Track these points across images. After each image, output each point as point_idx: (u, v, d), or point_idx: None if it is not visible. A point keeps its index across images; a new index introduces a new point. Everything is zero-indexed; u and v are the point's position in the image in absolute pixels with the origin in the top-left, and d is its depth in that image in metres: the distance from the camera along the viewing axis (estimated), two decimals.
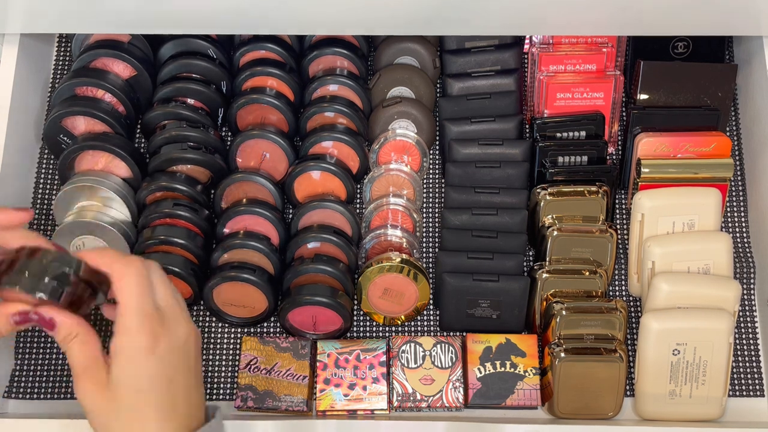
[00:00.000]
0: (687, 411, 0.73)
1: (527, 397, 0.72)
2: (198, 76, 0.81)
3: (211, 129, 0.79)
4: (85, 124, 0.79)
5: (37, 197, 0.82)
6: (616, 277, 0.80)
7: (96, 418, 0.53)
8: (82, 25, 0.76)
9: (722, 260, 0.75)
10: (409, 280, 0.75)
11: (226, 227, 0.77)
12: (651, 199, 0.76)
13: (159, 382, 0.54)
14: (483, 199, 0.77)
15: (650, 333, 0.72)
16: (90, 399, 0.53)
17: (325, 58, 0.82)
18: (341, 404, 0.72)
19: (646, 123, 0.80)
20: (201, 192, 0.78)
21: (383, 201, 0.78)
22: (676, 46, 0.82)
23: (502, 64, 0.83)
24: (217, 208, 0.79)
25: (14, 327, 0.53)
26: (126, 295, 0.54)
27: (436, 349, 0.74)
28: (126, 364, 0.53)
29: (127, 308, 0.54)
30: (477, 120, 0.80)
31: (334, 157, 0.79)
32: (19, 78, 0.79)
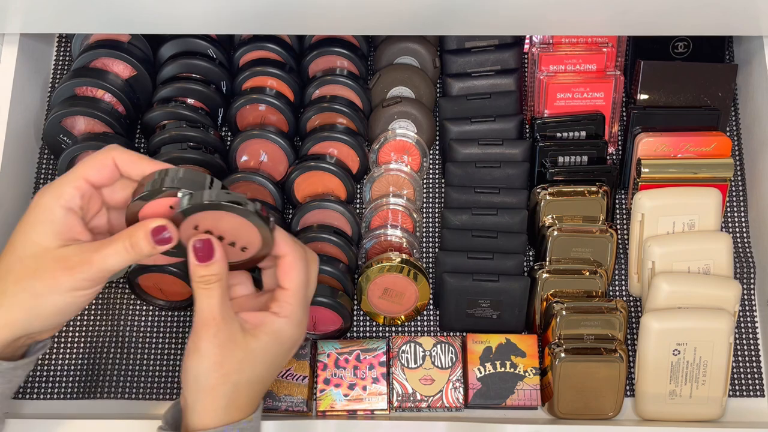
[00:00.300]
0: (687, 411, 0.73)
1: (527, 397, 0.72)
2: (198, 76, 0.81)
3: (210, 129, 0.79)
4: (85, 124, 0.79)
5: None
6: (616, 277, 0.80)
7: (194, 367, 0.54)
8: (82, 25, 0.76)
9: (722, 260, 0.74)
10: (409, 280, 0.75)
11: None
12: (651, 199, 0.76)
13: (274, 370, 0.57)
14: (483, 199, 0.77)
15: (650, 333, 0.72)
16: (206, 349, 0.53)
17: (325, 58, 0.82)
18: (341, 404, 0.72)
19: (646, 123, 0.80)
20: None
21: (383, 201, 0.78)
22: (677, 46, 0.82)
23: (502, 64, 0.83)
24: None
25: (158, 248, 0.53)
26: (297, 282, 0.57)
27: (436, 349, 0.74)
28: (271, 343, 0.55)
29: (293, 297, 0.56)
30: (477, 120, 0.80)
31: (334, 157, 0.79)
32: (18, 78, 0.79)
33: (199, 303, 0.54)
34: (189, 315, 0.78)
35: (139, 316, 0.78)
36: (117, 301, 0.78)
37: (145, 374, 0.76)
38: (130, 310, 0.78)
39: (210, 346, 0.53)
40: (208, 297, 0.54)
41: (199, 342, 0.53)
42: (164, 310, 0.78)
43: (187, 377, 0.54)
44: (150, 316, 0.78)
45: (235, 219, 0.54)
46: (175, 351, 0.77)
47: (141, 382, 0.76)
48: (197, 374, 0.54)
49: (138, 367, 0.76)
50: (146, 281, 0.75)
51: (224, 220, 0.54)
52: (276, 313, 0.56)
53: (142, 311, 0.78)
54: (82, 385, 0.76)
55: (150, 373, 0.76)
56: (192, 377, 0.54)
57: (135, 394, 0.76)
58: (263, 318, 0.56)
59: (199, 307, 0.54)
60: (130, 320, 0.77)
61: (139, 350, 0.77)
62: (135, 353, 0.77)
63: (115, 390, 0.75)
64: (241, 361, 0.54)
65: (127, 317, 0.77)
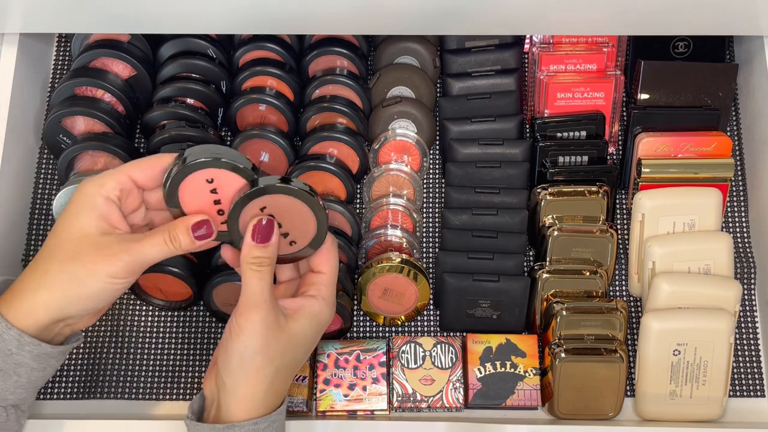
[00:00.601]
0: (687, 411, 0.73)
1: (527, 397, 0.72)
2: (198, 76, 0.81)
3: (210, 129, 0.79)
4: (85, 124, 0.78)
5: (36, 197, 0.82)
6: (616, 277, 0.79)
7: (241, 348, 0.54)
8: (82, 25, 0.76)
9: (723, 260, 0.74)
10: (409, 280, 0.75)
11: None
12: (651, 199, 0.76)
13: (308, 352, 0.59)
14: (483, 199, 0.77)
15: (651, 333, 0.72)
16: (254, 330, 0.54)
17: (325, 57, 0.82)
18: (341, 405, 0.72)
19: (646, 123, 0.80)
20: None
21: (383, 201, 0.78)
22: (677, 46, 0.82)
23: (502, 63, 0.82)
24: None
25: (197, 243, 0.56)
26: (333, 266, 0.60)
27: (436, 349, 0.74)
28: (310, 326, 0.57)
29: (330, 281, 0.59)
30: (477, 120, 0.80)
31: (333, 157, 0.79)
32: (18, 78, 0.79)
33: (249, 284, 0.55)
34: (188, 315, 0.78)
35: (138, 316, 0.78)
36: (117, 301, 0.78)
37: (145, 374, 0.76)
38: (130, 310, 0.78)
39: (258, 328, 0.54)
40: (260, 279, 0.55)
41: (246, 323, 0.54)
42: (164, 310, 0.78)
43: (229, 359, 0.55)
44: (150, 316, 0.78)
45: (301, 209, 0.56)
46: (174, 351, 0.77)
47: (141, 382, 0.76)
48: (243, 356, 0.54)
49: (138, 367, 0.76)
50: (146, 281, 0.75)
51: (289, 208, 0.56)
52: (314, 296, 0.58)
53: (142, 311, 0.78)
54: (82, 385, 0.76)
55: (150, 373, 0.76)
56: (237, 358, 0.55)
57: (135, 394, 0.75)
58: (302, 302, 0.58)
59: (250, 288, 0.55)
60: (130, 320, 0.77)
61: (139, 350, 0.77)
62: (135, 353, 0.77)
63: (115, 390, 0.75)
64: (285, 344, 0.56)
65: (127, 317, 0.77)
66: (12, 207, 0.78)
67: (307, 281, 0.60)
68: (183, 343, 0.77)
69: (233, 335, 0.55)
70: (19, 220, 0.80)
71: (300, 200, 0.56)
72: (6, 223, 0.77)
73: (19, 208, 0.80)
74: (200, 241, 0.56)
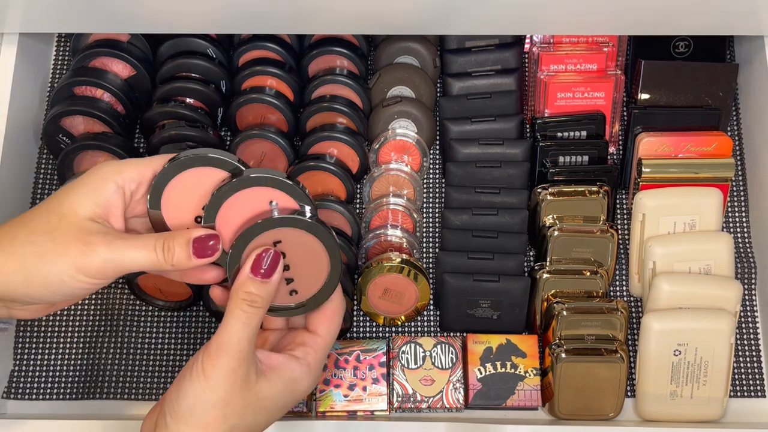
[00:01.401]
0: (688, 412, 0.73)
1: (528, 397, 0.72)
2: (197, 76, 0.80)
3: (210, 129, 0.79)
4: (84, 123, 0.78)
5: (36, 197, 0.82)
6: (617, 278, 0.79)
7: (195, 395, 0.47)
8: (82, 25, 0.76)
9: (723, 260, 0.74)
10: (409, 281, 0.75)
11: None
12: (652, 199, 0.76)
13: (273, 420, 0.51)
14: (483, 199, 0.77)
15: (651, 333, 0.71)
16: (217, 381, 0.47)
17: (324, 57, 0.82)
18: (341, 405, 0.72)
19: (647, 123, 0.80)
20: None
21: (383, 201, 0.78)
22: (677, 46, 0.82)
23: (502, 63, 0.82)
24: None
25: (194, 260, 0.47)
26: (331, 334, 0.52)
27: (436, 349, 0.73)
28: (283, 392, 0.50)
29: (324, 348, 0.52)
30: (477, 119, 0.80)
31: (333, 157, 0.79)
32: (18, 77, 0.79)
33: (230, 326, 0.48)
34: (188, 315, 0.78)
35: (138, 316, 0.78)
36: (116, 301, 0.78)
37: (145, 374, 0.76)
38: (129, 310, 0.78)
39: (223, 379, 0.47)
40: (245, 323, 0.48)
41: (212, 370, 0.47)
42: (164, 310, 0.78)
43: (180, 402, 0.48)
44: (149, 316, 0.78)
45: (317, 254, 0.50)
46: (174, 351, 0.77)
47: (141, 382, 0.76)
48: (194, 404, 0.48)
49: (138, 367, 0.76)
50: (146, 281, 0.75)
51: (304, 250, 0.49)
52: (297, 359, 0.51)
53: (142, 311, 0.78)
54: (81, 385, 0.76)
55: (150, 373, 0.76)
56: (188, 405, 0.48)
57: (135, 394, 0.75)
58: (282, 361, 0.51)
59: (229, 331, 0.48)
60: (129, 320, 0.77)
61: (139, 350, 0.77)
62: (135, 353, 0.76)
63: (115, 390, 0.75)
64: (247, 405, 0.48)
65: (127, 317, 0.77)
66: (11, 207, 0.78)
67: (297, 339, 0.53)
68: (183, 344, 0.77)
69: (193, 377, 0.48)
70: None
71: (322, 243, 0.49)
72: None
73: (18, 207, 0.80)
74: (199, 260, 0.48)
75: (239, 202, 0.50)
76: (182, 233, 0.49)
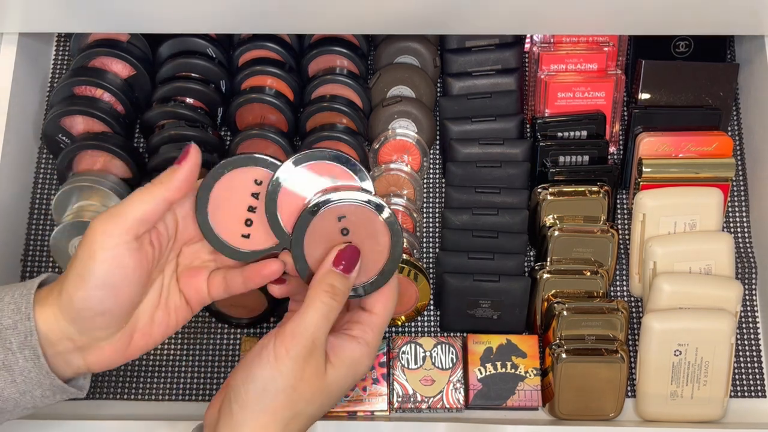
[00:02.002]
0: (688, 412, 0.73)
1: (528, 398, 0.72)
2: (197, 76, 0.80)
3: (210, 128, 0.79)
4: (84, 123, 0.78)
5: (35, 197, 0.82)
6: (617, 278, 0.79)
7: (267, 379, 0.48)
8: (81, 25, 0.76)
9: (724, 260, 0.74)
10: (410, 281, 0.75)
11: None
12: (652, 199, 0.76)
13: (332, 405, 0.52)
14: (484, 198, 0.77)
15: (651, 333, 0.71)
16: (289, 367, 0.48)
17: (324, 57, 0.82)
18: (341, 405, 0.72)
19: (647, 122, 0.80)
20: None
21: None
22: (678, 46, 0.82)
23: (502, 63, 0.82)
24: None
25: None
26: (388, 312, 0.52)
27: (436, 349, 0.73)
28: (346, 374, 0.51)
29: (381, 327, 0.52)
30: (477, 119, 0.80)
31: None
32: (17, 77, 0.79)
33: (310, 315, 0.49)
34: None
35: None
36: None
37: (145, 374, 0.76)
38: None
39: (294, 366, 0.48)
40: (324, 314, 0.49)
41: (285, 356, 0.48)
42: None
43: (248, 387, 0.48)
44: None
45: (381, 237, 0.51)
46: (174, 351, 0.77)
47: (141, 382, 0.76)
48: (264, 389, 0.48)
49: (138, 367, 0.76)
50: None
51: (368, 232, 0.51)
52: (356, 338, 0.51)
53: None
54: None
55: (150, 373, 0.76)
56: (258, 387, 0.48)
57: (135, 394, 0.75)
58: (343, 344, 0.51)
59: (308, 320, 0.48)
60: None
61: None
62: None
63: (115, 390, 0.75)
64: (315, 392, 0.49)
65: None
66: (11, 207, 0.78)
67: (353, 318, 0.53)
68: (183, 343, 0.77)
69: (263, 361, 0.48)
70: (18, 220, 0.80)
71: (385, 223, 0.50)
72: (5, 222, 0.77)
73: (18, 207, 0.79)
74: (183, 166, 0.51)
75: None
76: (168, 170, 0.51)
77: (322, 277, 0.50)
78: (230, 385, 0.50)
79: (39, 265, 0.80)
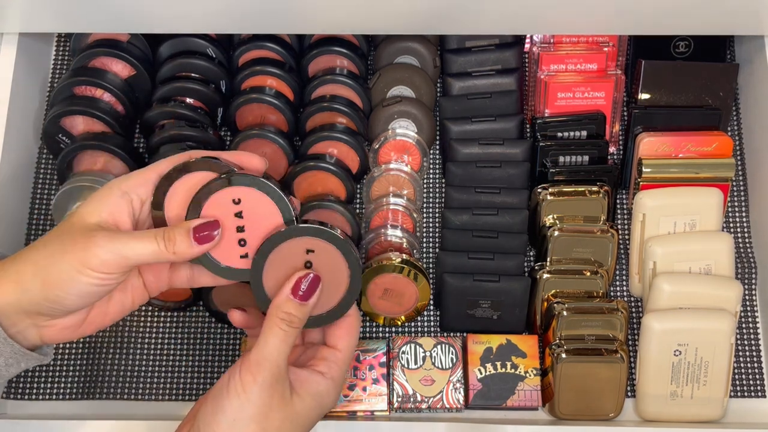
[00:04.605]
0: (688, 412, 0.73)
1: (528, 398, 0.72)
2: (197, 76, 0.80)
3: (210, 128, 0.79)
4: (84, 123, 0.78)
5: (35, 197, 0.82)
6: (617, 278, 0.79)
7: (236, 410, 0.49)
8: (81, 25, 0.76)
9: (724, 260, 0.74)
10: (409, 281, 0.75)
11: None
12: (652, 199, 0.76)
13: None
14: (484, 198, 0.77)
15: (651, 333, 0.71)
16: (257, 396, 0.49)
17: (324, 57, 0.82)
18: (341, 405, 0.72)
19: (647, 122, 0.80)
20: None
21: (383, 201, 0.78)
22: (678, 46, 0.82)
23: (502, 63, 0.82)
24: None
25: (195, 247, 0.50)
26: (350, 347, 0.54)
27: (436, 349, 0.73)
28: (312, 406, 0.52)
29: (345, 362, 0.54)
30: (477, 119, 0.80)
31: (333, 157, 0.79)
32: (17, 77, 0.79)
33: (270, 342, 0.50)
34: (188, 315, 0.78)
35: (138, 316, 0.78)
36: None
37: (145, 374, 0.76)
38: None
39: (262, 394, 0.49)
40: (284, 341, 0.50)
41: (252, 384, 0.49)
42: (163, 310, 0.78)
43: (218, 418, 0.49)
44: (149, 316, 0.78)
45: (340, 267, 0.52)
46: (174, 351, 0.77)
47: (141, 382, 0.76)
48: (235, 419, 0.49)
49: (138, 367, 0.76)
50: None
51: (329, 263, 0.52)
52: (322, 374, 0.53)
53: (142, 311, 0.78)
54: (82, 385, 0.76)
55: (150, 373, 0.76)
56: (228, 419, 0.49)
57: (135, 394, 0.75)
58: (308, 377, 0.52)
59: (269, 347, 0.49)
60: (129, 320, 0.77)
61: (139, 350, 0.77)
62: (135, 353, 0.76)
63: (115, 390, 0.75)
64: (284, 419, 0.50)
65: (127, 317, 0.77)
66: (11, 207, 0.78)
67: (318, 354, 0.54)
68: (183, 344, 0.77)
69: (231, 392, 0.49)
70: (19, 220, 0.80)
71: (344, 256, 0.51)
72: (5, 222, 0.77)
73: (18, 207, 0.80)
74: (200, 246, 0.50)
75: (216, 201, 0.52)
76: (182, 224, 0.51)
77: (279, 304, 0.51)
78: (198, 418, 0.51)
79: None
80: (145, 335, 0.77)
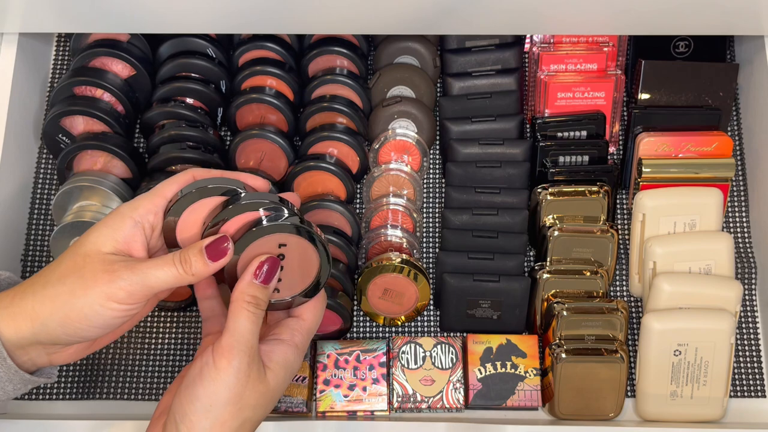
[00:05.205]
0: (688, 412, 0.73)
1: (528, 398, 0.72)
2: (197, 76, 0.80)
3: (210, 128, 0.79)
4: (84, 123, 0.78)
5: (35, 197, 0.82)
6: (617, 278, 0.79)
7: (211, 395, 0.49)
8: (81, 25, 0.76)
9: (723, 260, 0.74)
10: (409, 281, 0.75)
11: None
12: (652, 199, 0.76)
13: (272, 406, 0.54)
14: (484, 198, 0.77)
15: (651, 333, 0.71)
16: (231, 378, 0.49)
17: (324, 57, 0.82)
18: (341, 405, 0.72)
19: (647, 122, 0.80)
20: None
21: (383, 201, 0.78)
22: (678, 46, 0.82)
23: (502, 63, 0.82)
24: None
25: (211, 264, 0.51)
26: (314, 320, 0.56)
27: (436, 349, 0.73)
28: (284, 375, 0.53)
29: (309, 331, 0.55)
30: (477, 119, 0.80)
31: (333, 157, 0.79)
32: (17, 77, 0.79)
33: (240, 324, 0.51)
34: (188, 315, 0.78)
35: None
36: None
37: (145, 374, 0.76)
38: None
39: (238, 375, 0.50)
40: (251, 321, 0.51)
41: (228, 368, 0.50)
42: (163, 310, 0.78)
43: (194, 406, 0.50)
44: (149, 316, 0.78)
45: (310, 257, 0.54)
46: (174, 351, 0.77)
47: (141, 382, 0.76)
48: (212, 403, 0.49)
49: (138, 367, 0.76)
50: None
51: (299, 255, 0.54)
52: (286, 341, 0.54)
53: None
54: (82, 385, 0.76)
55: (150, 373, 0.76)
56: (204, 404, 0.49)
57: (135, 394, 0.75)
58: (273, 347, 0.53)
59: (240, 329, 0.50)
60: None
61: (139, 350, 0.77)
62: (135, 353, 0.76)
63: (115, 390, 0.75)
64: (259, 397, 0.51)
65: None
66: (11, 207, 0.78)
67: (281, 324, 0.56)
68: (183, 343, 0.77)
69: (205, 377, 0.50)
70: (19, 220, 0.80)
71: (313, 248, 0.54)
72: (5, 222, 0.77)
73: (18, 207, 0.80)
74: (215, 263, 0.51)
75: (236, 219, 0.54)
76: (194, 245, 0.52)
77: (243, 288, 0.52)
78: (173, 410, 0.51)
79: (39, 265, 0.80)
80: (145, 335, 0.77)
